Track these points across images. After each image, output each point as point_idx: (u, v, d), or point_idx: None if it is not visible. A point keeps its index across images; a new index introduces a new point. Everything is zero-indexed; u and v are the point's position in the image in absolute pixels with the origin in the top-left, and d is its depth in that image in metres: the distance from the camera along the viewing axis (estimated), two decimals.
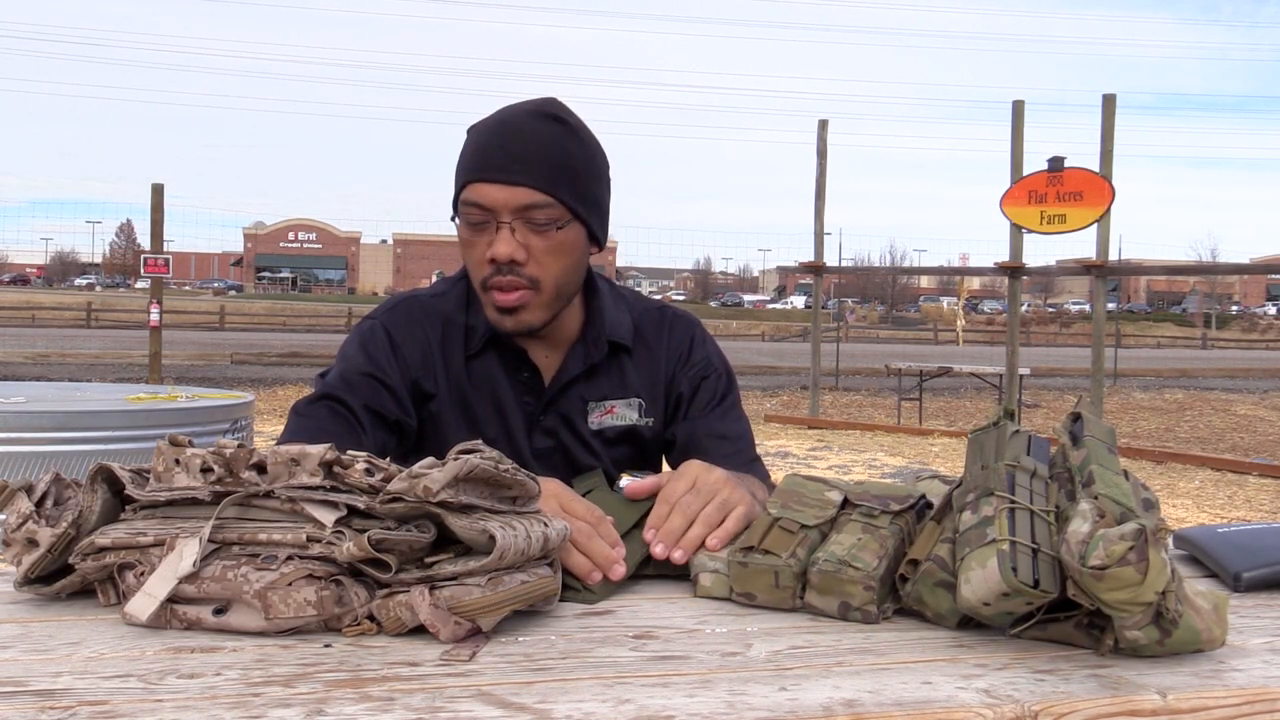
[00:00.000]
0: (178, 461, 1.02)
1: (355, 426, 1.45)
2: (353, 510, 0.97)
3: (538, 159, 1.41)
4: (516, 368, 1.54)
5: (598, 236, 1.52)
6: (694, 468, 1.26)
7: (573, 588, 1.09)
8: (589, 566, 1.11)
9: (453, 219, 1.49)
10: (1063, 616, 0.97)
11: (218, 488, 1.00)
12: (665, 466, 1.64)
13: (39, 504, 1.06)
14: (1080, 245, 15.90)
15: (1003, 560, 0.92)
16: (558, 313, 1.50)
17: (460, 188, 1.45)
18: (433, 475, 0.94)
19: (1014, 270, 10.48)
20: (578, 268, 1.50)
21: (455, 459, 0.97)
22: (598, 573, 1.11)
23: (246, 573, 0.95)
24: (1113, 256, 11.02)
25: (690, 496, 1.21)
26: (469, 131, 1.50)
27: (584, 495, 1.30)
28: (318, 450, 0.98)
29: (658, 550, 1.17)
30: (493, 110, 1.51)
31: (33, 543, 1.02)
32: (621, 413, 1.57)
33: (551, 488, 1.18)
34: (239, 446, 1.00)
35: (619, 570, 1.12)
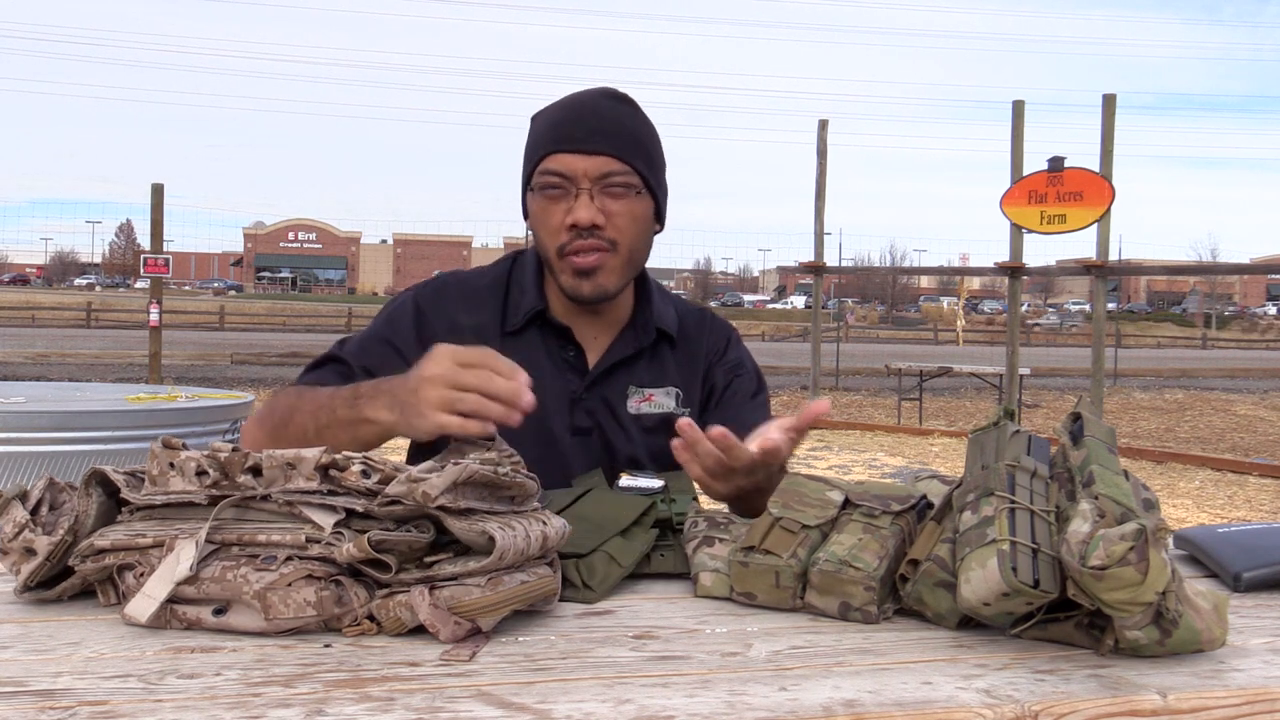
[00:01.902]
0: (172, 465, 1.02)
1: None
2: (351, 511, 0.97)
3: (614, 131, 1.49)
4: (561, 346, 1.58)
5: (662, 213, 1.58)
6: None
7: (573, 585, 1.09)
8: (506, 412, 1.16)
9: (525, 198, 1.55)
10: (1063, 616, 0.96)
11: (214, 491, 1.00)
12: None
13: (34, 511, 1.05)
14: (1080, 245, 15.91)
15: (1003, 560, 0.92)
16: (628, 282, 1.56)
17: (537, 161, 1.50)
18: (431, 480, 0.94)
19: (1014, 270, 10.48)
20: (647, 238, 1.56)
21: (455, 463, 0.97)
22: (516, 414, 1.16)
23: (246, 573, 0.95)
24: (1113, 256, 11.02)
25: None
26: (536, 117, 1.56)
27: (583, 494, 1.30)
28: (313, 454, 0.98)
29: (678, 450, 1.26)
30: (535, 105, 1.58)
31: (30, 551, 1.02)
32: (660, 401, 1.60)
33: (433, 353, 1.22)
34: (234, 450, 1.00)
35: (528, 397, 1.17)
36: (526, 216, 1.58)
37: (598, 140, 1.48)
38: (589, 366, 1.58)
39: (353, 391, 1.32)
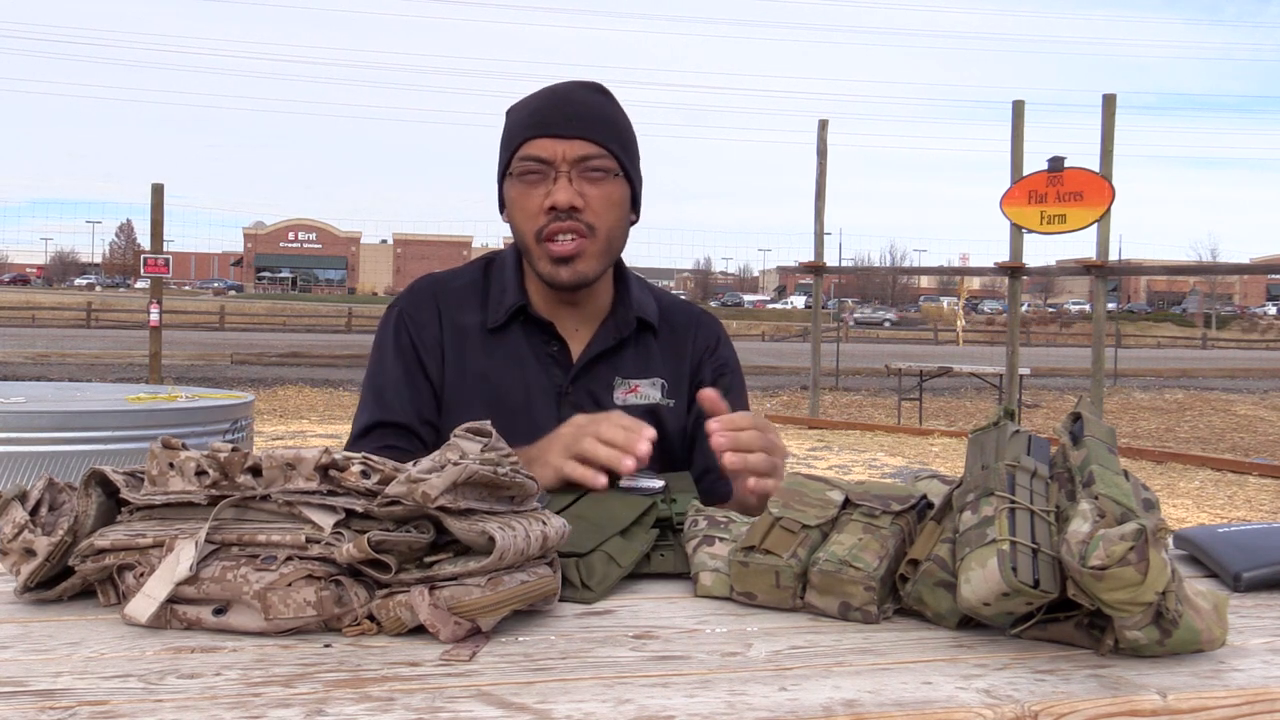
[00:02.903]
0: (171, 465, 1.02)
1: (416, 443, 1.54)
2: (351, 511, 0.97)
3: (591, 117, 1.52)
4: (544, 341, 1.59)
5: (638, 202, 1.60)
6: (772, 429, 1.40)
7: (572, 585, 1.09)
8: (616, 455, 1.29)
9: (502, 189, 1.57)
10: (1063, 616, 0.96)
11: (213, 491, 1.00)
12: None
13: (34, 511, 1.05)
14: (1080, 245, 15.92)
15: (1003, 560, 0.92)
16: (606, 269, 1.57)
17: (516, 147, 1.52)
18: (431, 481, 0.94)
19: (1014, 270, 10.48)
20: (625, 224, 1.58)
21: (454, 464, 0.97)
22: (629, 460, 1.28)
23: (246, 573, 0.95)
24: (1113, 256, 11.02)
25: (762, 436, 1.36)
26: (512, 110, 1.58)
27: (583, 494, 1.30)
28: (312, 455, 0.98)
29: (718, 438, 1.31)
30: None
31: (30, 552, 1.02)
32: (645, 392, 1.61)
33: (571, 423, 1.37)
34: (233, 450, 1.00)
35: (644, 447, 1.29)
36: (502, 209, 1.59)
37: (575, 125, 1.50)
38: (573, 360, 1.59)
39: None
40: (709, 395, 1.42)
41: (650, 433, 1.31)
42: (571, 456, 1.33)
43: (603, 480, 1.29)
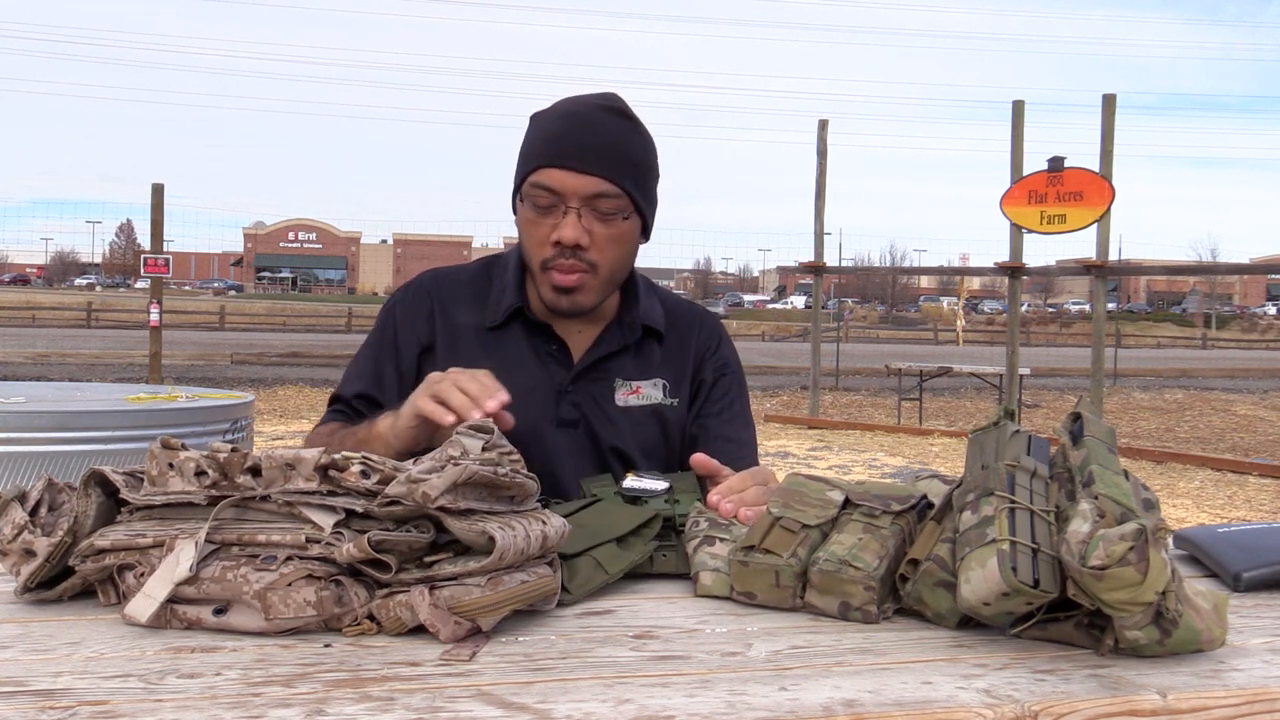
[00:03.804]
0: (171, 465, 1.02)
1: (355, 418, 1.57)
2: (351, 511, 0.97)
3: (609, 151, 1.49)
4: (544, 340, 1.60)
5: (649, 229, 1.60)
6: (771, 475, 1.39)
7: (566, 589, 1.09)
8: (468, 404, 1.26)
9: (515, 201, 1.56)
10: (1063, 616, 0.97)
11: (213, 492, 1.00)
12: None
13: (33, 512, 1.05)
14: (1080, 245, 15.92)
15: (1003, 560, 0.92)
16: (607, 296, 1.58)
17: (529, 171, 1.51)
18: (431, 481, 0.94)
19: (1014, 270, 10.48)
20: (631, 257, 1.59)
21: (455, 464, 0.97)
22: (477, 411, 1.25)
23: (246, 573, 0.95)
24: (1113, 256, 11.02)
25: (764, 490, 1.32)
26: (534, 119, 1.57)
27: (593, 499, 1.30)
28: (312, 455, 0.97)
29: (725, 506, 1.26)
30: (554, 102, 1.58)
31: (29, 553, 1.02)
32: (647, 393, 1.62)
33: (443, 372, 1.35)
34: (233, 450, 1.00)
35: (491, 405, 1.26)
36: (515, 212, 1.59)
37: (590, 160, 1.48)
38: (573, 360, 1.60)
39: (370, 420, 1.45)
40: (701, 460, 1.39)
41: (504, 397, 1.30)
42: (428, 397, 1.33)
43: (450, 419, 1.27)
